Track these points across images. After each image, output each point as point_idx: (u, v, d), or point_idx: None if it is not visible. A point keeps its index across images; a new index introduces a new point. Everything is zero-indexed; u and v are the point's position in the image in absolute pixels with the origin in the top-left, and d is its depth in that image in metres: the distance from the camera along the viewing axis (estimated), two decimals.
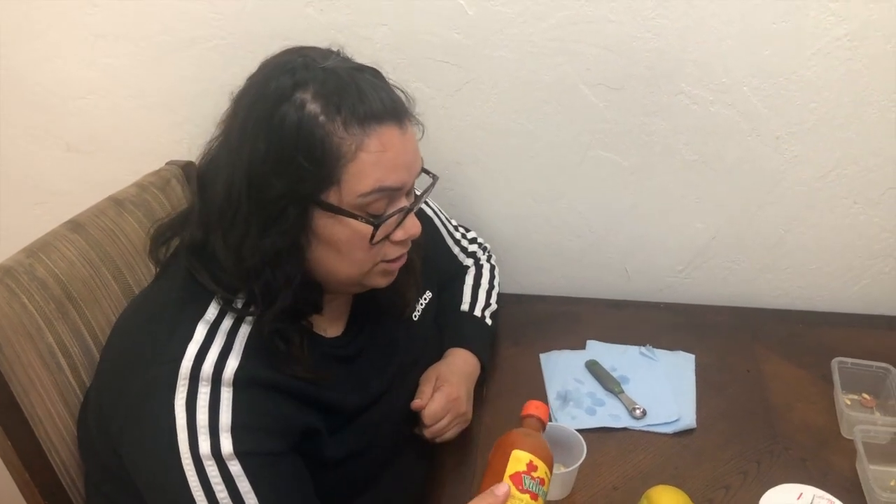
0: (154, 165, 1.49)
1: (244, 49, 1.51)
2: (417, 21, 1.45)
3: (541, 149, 1.57)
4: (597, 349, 1.52)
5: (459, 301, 1.45)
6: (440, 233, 1.46)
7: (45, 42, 1.55)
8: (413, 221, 1.02)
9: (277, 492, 0.94)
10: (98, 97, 1.61)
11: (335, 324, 1.12)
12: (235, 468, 0.90)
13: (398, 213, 0.99)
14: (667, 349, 1.51)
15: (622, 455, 1.27)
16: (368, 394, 1.12)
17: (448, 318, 1.41)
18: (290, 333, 0.99)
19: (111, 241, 1.25)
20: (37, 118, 1.65)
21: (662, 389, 1.40)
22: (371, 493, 1.15)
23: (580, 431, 1.20)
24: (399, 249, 1.04)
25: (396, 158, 0.95)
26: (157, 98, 1.60)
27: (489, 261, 1.56)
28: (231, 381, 0.93)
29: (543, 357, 1.49)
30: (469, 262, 1.53)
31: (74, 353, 1.13)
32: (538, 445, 0.96)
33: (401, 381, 1.21)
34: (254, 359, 0.95)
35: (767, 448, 1.28)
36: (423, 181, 1.07)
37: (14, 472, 1.06)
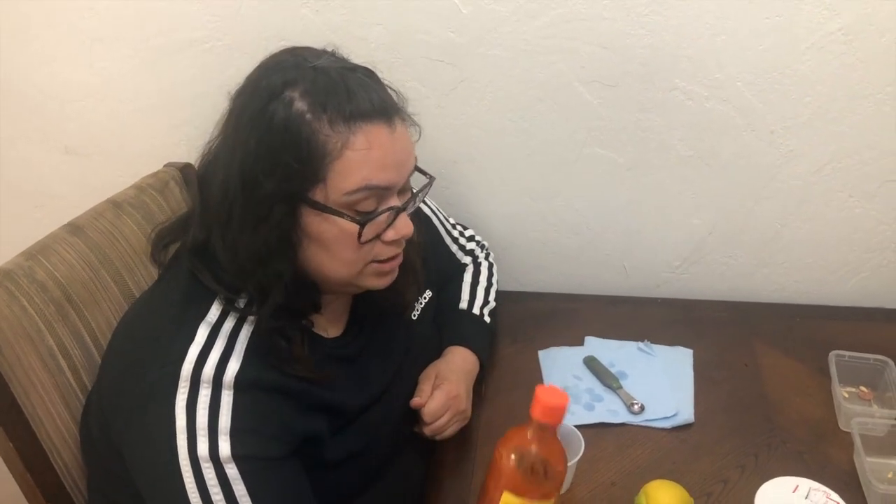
0: (152, 168, 1.49)
1: (241, 51, 1.51)
2: (412, 20, 1.46)
3: (536, 147, 1.58)
4: (595, 345, 1.52)
5: (458, 299, 1.46)
6: (438, 231, 1.46)
7: (43, 46, 1.56)
8: (405, 222, 1.01)
9: (273, 497, 0.94)
10: (96, 100, 1.62)
11: (335, 324, 1.13)
12: (232, 471, 0.91)
13: (387, 213, 0.98)
14: (665, 344, 1.52)
15: (620, 450, 1.27)
16: (369, 393, 1.13)
17: (447, 317, 1.42)
18: (291, 332, 0.99)
19: (110, 244, 1.25)
20: (35, 122, 1.65)
21: (660, 384, 1.41)
22: (371, 493, 1.15)
23: (579, 427, 1.20)
24: (391, 250, 1.03)
25: (385, 157, 0.95)
26: (155, 100, 1.61)
27: (487, 259, 1.56)
28: (232, 384, 0.93)
29: (542, 354, 1.50)
30: (467, 261, 1.53)
31: (75, 355, 1.14)
32: (532, 480, 0.89)
33: (400, 381, 1.21)
34: (255, 361, 0.96)
35: (765, 442, 1.28)
36: (423, 182, 1.07)
37: (16, 474, 1.06)
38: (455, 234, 1.50)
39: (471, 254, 1.53)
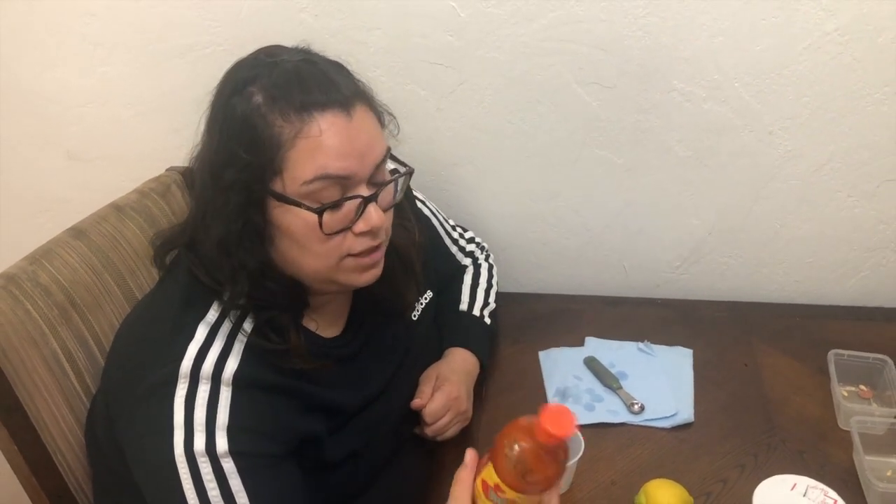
0: (154, 171, 1.49)
1: (240, 54, 1.49)
2: (411, 24, 1.47)
3: (536, 148, 1.58)
4: (595, 346, 1.53)
5: (458, 301, 1.46)
6: (438, 233, 1.47)
7: (44, 51, 1.57)
8: (375, 213, 0.98)
9: (270, 494, 0.94)
10: (97, 105, 1.62)
11: (334, 324, 1.13)
12: (228, 465, 0.91)
13: (353, 203, 0.96)
14: (665, 344, 1.52)
15: (620, 450, 1.28)
16: (367, 393, 1.13)
17: (447, 318, 1.42)
18: (283, 324, 1.00)
19: (113, 247, 1.26)
20: (37, 127, 1.66)
21: (660, 384, 1.41)
22: (372, 493, 1.16)
23: (579, 427, 1.20)
24: (365, 242, 0.99)
25: (341, 146, 0.93)
26: (156, 105, 1.62)
27: (487, 260, 1.57)
28: (230, 381, 0.94)
29: (542, 354, 1.50)
30: (467, 262, 1.53)
31: (79, 359, 1.15)
32: (520, 471, 0.85)
33: (400, 382, 1.21)
34: (253, 361, 0.97)
35: (765, 441, 1.29)
36: (421, 184, 1.07)
37: (21, 477, 1.07)
38: (455, 236, 1.51)
39: (470, 255, 1.54)
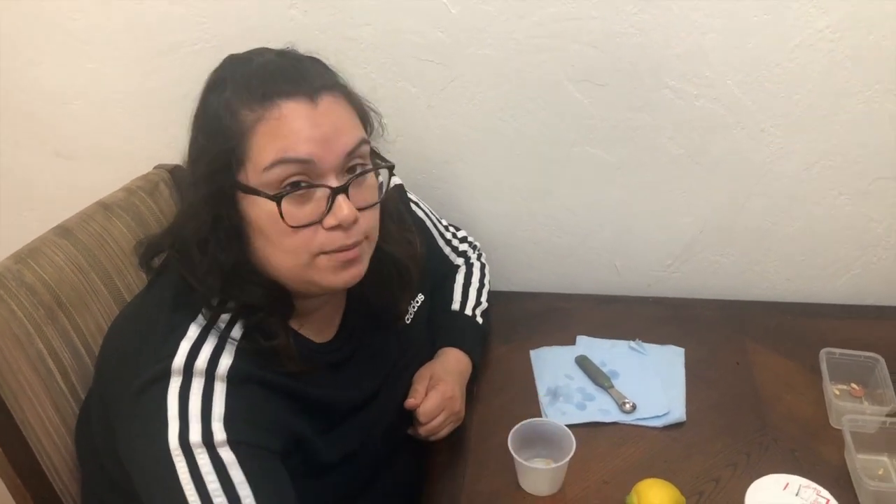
0: (142, 169, 1.49)
1: (229, 51, 1.47)
2: (401, 21, 1.46)
3: (527, 146, 1.58)
4: (587, 344, 1.52)
5: (450, 300, 1.46)
6: (432, 234, 1.46)
7: (31, 48, 1.55)
8: (346, 206, 0.94)
9: (273, 487, 0.93)
10: (85, 102, 1.61)
11: (325, 330, 1.12)
12: (228, 456, 0.89)
13: (318, 193, 0.94)
14: (656, 343, 1.52)
15: (612, 449, 1.28)
16: (359, 395, 1.13)
17: (439, 318, 1.41)
18: (271, 327, 0.99)
19: (100, 246, 1.25)
20: (24, 124, 1.65)
21: (652, 383, 1.41)
22: (366, 495, 1.15)
23: (570, 426, 1.20)
24: (337, 239, 0.96)
25: (304, 130, 0.92)
26: (144, 102, 1.60)
27: (479, 259, 1.56)
28: (225, 377, 0.93)
29: (534, 353, 1.50)
30: (460, 262, 1.53)
31: (65, 359, 1.14)
32: None
33: (393, 384, 1.21)
34: (246, 359, 0.96)
35: (757, 440, 1.29)
36: (412, 181, 1.06)
37: (6, 478, 1.06)
38: (448, 237, 1.50)
39: (463, 255, 1.53)
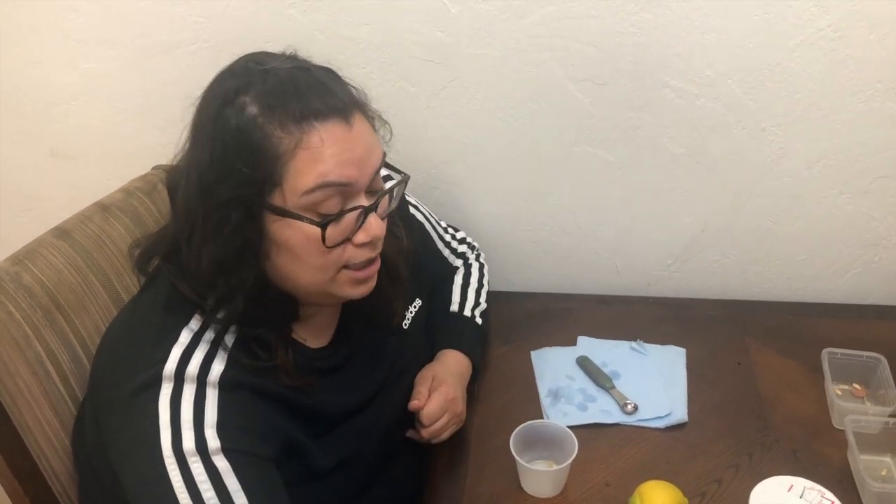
0: (140, 170, 1.47)
1: (227, 51, 1.47)
2: (400, 20, 1.45)
3: (527, 146, 1.57)
4: (588, 345, 1.52)
5: (449, 302, 1.45)
6: (431, 236, 1.45)
7: (27, 48, 1.55)
8: (375, 223, 0.97)
9: (268, 493, 0.92)
10: (82, 102, 1.60)
11: (321, 335, 1.12)
12: (222, 464, 0.89)
13: (354, 213, 0.95)
14: (657, 343, 1.51)
15: (614, 451, 1.27)
16: (354, 401, 1.12)
17: (438, 320, 1.41)
18: (271, 341, 0.98)
19: (98, 248, 1.24)
20: (20, 124, 1.64)
21: (654, 384, 1.40)
22: (365, 500, 1.15)
23: (571, 428, 1.20)
24: (364, 253, 0.99)
25: (341, 154, 0.92)
26: (142, 102, 1.60)
27: (478, 259, 1.56)
28: (217, 383, 0.92)
29: (534, 354, 1.49)
30: (458, 263, 1.52)
31: (63, 361, 1.13)
32: None
33: (390, 389, 1.20)
34: (238, 366, 0.95)
35: (759, 440, 1.28)
36: (411, 182, 1.05)
37: (4, 481, 1.05)
38: (447, 238, 1.49)
39: (462, 256, 1.53)
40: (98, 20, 1.51)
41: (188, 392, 0.91)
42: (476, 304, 1.46)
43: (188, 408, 0.90)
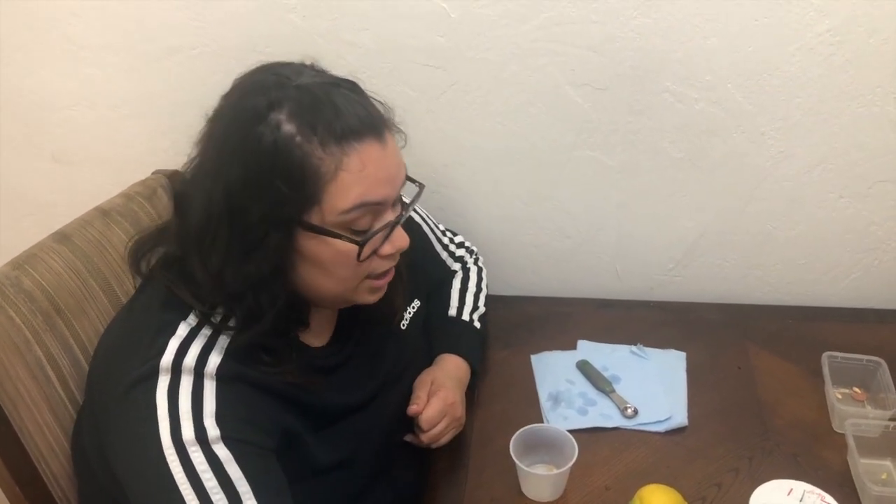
0: (140, 175, 1.48)
1: (227, 56, 1.51)
2: (400, 25, 1.45)
3: (527, 150, 1.57)
4: (588, 349, 1.52)
5: (448, 306, 1.45)
6: (429, 239, 1.45)
7: (27, 53, 1.55)
8: (400, 234, 1.00)
9: (271, 481, 0.92)
10: (83, 107, 1.61)
11: (321, 334, 1.12)
12: (223, 452, 0.88)
13: (385, 229, 0.97)
14: (658, 348, 1.51)
15: (614, 455, 1.27)
16: (354, 400, 1.12)
17: (437, 324, 1.41)
18: (277, 347, 0.98)
19: (98, 252, 1.24)
20: (21, 129, 1.64)
21: (654, 388, 1.40)
22: (365, 502, 1.15)
23: (572, 432, 1.20)
24: (387, 263, 1.02)
25: (378, 173, 0.93)
26: (142, 107, 1.60)
27: (476, 263, 1.56)
28: (214, 375, 0.92)
29: (534, 358, 1.49)
30: (457, 267, 1.52)
31: (63, 366, 1.13)
32: None
33: (389, 391, 1.20)
34: (234, 358, 0.95)
35: (759, 444, 1.28)
36: (412, 190, 1.06)
37: (4, 486, 1.05)
38: (445, 241, 1.49)
39: (460, 260, 1.53)
40: (99, 26, 1.51)
41: (185, 383, 0.90)
42: (475, 308, 1.45)
43: (186, 399, 0.89)
